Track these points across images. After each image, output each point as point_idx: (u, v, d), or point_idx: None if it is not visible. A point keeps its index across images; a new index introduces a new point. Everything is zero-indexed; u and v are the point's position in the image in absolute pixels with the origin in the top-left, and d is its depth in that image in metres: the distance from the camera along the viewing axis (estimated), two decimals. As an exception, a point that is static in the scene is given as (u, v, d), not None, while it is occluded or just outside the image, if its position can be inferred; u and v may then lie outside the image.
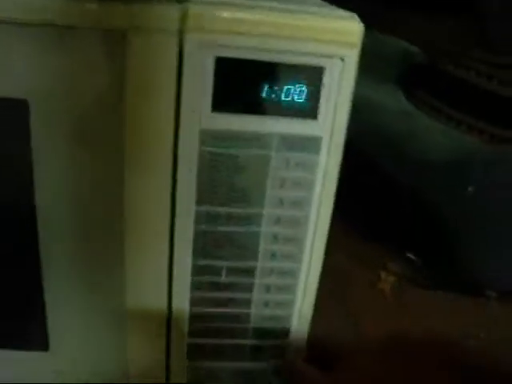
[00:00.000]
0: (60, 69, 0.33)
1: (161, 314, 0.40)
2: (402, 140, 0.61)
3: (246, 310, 0.40)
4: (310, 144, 0.35)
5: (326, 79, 0.34)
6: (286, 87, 0.34)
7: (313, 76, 0.34)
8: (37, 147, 0.35)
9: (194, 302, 0.39)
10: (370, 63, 0.70)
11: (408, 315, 0.58)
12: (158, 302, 0.39)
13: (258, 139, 0.35)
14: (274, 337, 0.41)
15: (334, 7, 0.36)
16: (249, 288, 0.39)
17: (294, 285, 0.39)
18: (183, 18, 0.32)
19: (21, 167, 0.35)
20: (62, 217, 0.37)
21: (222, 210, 0.36)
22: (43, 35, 0.32)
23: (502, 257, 0.57)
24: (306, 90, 0.34)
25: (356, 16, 0.34)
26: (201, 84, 0.33)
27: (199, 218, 0.36)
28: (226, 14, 0.32)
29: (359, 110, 0.64)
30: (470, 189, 0.52)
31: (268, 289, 0.39)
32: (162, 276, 0.38)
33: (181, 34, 0.32)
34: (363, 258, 0.65)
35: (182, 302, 0.39)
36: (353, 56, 0.34)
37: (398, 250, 0.66)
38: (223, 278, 0.38)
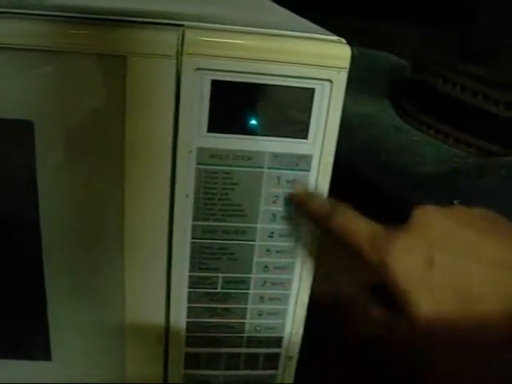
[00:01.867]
0: (61, 91, 0.34)
1: (159, 325, 0.41)
2: (393, 153, 0.63)
3: (240, 320, 0.41)
4: (301, 162, 0.37)
5: (315, 100, 0.36)
6: (277, 108, 0.35)
7: (303, 97, 0.35)
8: (41, 162, 0.36)
9: (190, 313, 0.41)
10: (362, 79, 0.72)
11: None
12: (156, 314, 0.41)
13: (250, 158, 0.36)
14: (268, 345, 0.43)
15: (323, 30, 0.38)
16: (243, 299, 0.41)
17: (286, 295, 0.41)
18: (180, 42, 0.34)
19: (26, 181, 0.37)
20: (64, 229, 0.38)
21: (217, 224, 0.38)
22: (45, 59, 0.34)
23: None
24: (296, 111, 0.36)
25: (344, 40, 0.36)
26: (197, 106, 0.35)
27: (196, 233, 0.38)
28: (220, 39, 0.34)
29: (352, 125, 0.66)
30: (455, 202, 0.53)
31: (262, 299, 0.41)
32: (160, 288, 0.40)
33: (178, 58, 0.34)
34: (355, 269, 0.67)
35: (180, 313, 0.41)
36: (341, 78, 0.35)
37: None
38: (219, 289, 0.40)
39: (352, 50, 0.35)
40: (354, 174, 0.61)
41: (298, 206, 0.38)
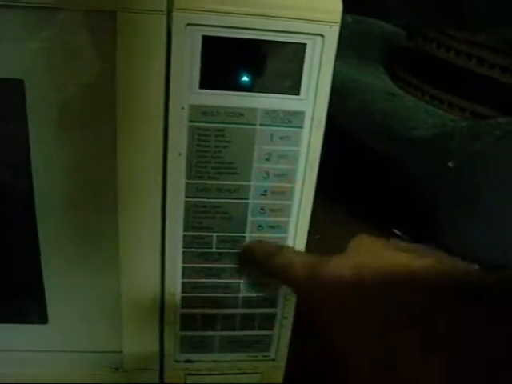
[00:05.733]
0: (52, 49, 0.34)
1: (154, 287, 0.41)
2: (388, 118, 0.63)
3: (236, 280, 0.42)
4: (294, 118, 0.37)
5: (307, 55, 0.35)
6: (269, 64, 0.35)
7: (295, 53, 0.35)
8: (33, 125, 0.36)
9: (185, 274, 0.41)
10: (357, 46, 0.72)
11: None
12: (151, 275, 0.41)
13: (243, 114, 0.36)
14: (264, 305, 0.43)
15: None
16: (238, 258, 0.41)
17: (280, 254, 0.41)
18: (170, -2, 0.33)
19: (18, 143, 0.37)
20: (58, 193, 0.38)
21: (211, 183, 0.38)
22: (33, 17, 0.33)
23: (482, 229, 0.59)
24: (288, 67, 0.35)
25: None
26: (189, 62, 0.35)
27: (189, 191, 0.38)
28: (211, -5, 0.34)
29: (347, 91, 0.66)
30: (450, 164, 0.54)
31: (256, 259, 0.41)
32: (154, 249, 0.40)
33: (169, 14, 0.33)
34: (350, 233, 0.67)
35: (175, 274, 0.41)
36: (333, 33, 0.35)
37: (384, 226, 0.68)
38: (213, 249, 0.40)
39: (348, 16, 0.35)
40: (349, 138, 0.61)
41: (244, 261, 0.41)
